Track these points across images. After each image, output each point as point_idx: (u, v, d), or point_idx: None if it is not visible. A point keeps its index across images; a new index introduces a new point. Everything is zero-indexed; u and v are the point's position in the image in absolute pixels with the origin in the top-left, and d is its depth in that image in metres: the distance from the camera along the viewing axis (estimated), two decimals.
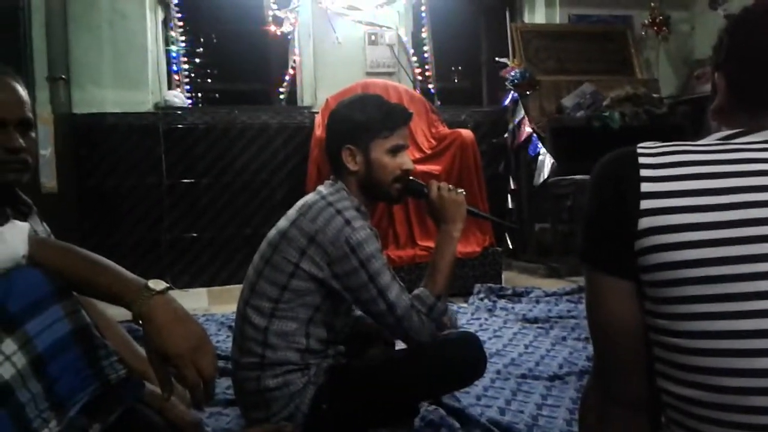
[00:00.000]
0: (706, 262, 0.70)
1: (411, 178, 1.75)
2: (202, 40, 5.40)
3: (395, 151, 1.69)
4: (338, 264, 1.57)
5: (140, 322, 1.04)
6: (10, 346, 0.99)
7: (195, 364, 1.03)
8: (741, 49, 0.82)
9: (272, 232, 1.69)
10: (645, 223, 0.74)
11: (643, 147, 0.78)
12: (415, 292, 1.64)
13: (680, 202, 0.73)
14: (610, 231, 0.78)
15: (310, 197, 1.70)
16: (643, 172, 0.75)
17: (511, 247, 4.83)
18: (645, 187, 0.75)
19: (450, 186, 1.74)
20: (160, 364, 1.04)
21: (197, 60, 4.98)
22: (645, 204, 0.74)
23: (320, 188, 1.72)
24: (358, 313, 1.83)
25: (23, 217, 1.41)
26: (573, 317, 3.06)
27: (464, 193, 1.75)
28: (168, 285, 1.09)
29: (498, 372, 2.21)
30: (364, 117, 1.68)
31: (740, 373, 0.69)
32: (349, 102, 1.74)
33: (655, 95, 4.56)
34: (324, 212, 1.60)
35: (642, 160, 0.76)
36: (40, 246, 1.09)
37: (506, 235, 4.81)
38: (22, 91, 1.36)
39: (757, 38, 0.80)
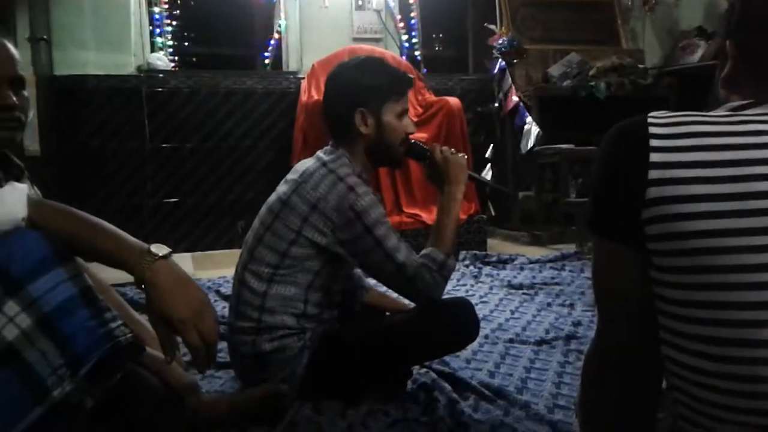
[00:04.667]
0: (712, 234, 0.71)
1: (413, 141, 1.76)
2: (182, 2, 5.29)
3: (402, 114, 1.70)
4: (343, 230, 1.57)
5: (143, 286, 1.05)
6: (12, 308, 0.98)
7: (197, 328, 1.04)
8: (754, 16, 0.81)
9: (272, 198, 1.69)
10: (653, 192, 0.74)
11: (654, 116, 0.78)
12: (424, 251, 1.65)
13: (689, 173, 0.73)
14: (618, 199, 0.78)
15: (310, 163, 1.68)
16: (653, 142, 0.76)
17: (494, 214, 4.86)
18: (654, 157, 0.75)
19: (452, 149, 1.75)
20: (164, 328, 1.05)
21: (180, 23, 4.88)
22: (653, 174, 0.74)
23: (320, 154, 1.71)
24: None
25: (16, 180, 1.39)
26: (557, 284, 3.11)
27: (466, 156, 1.76)
28: (170, 250, 1.08)
29: (486, 336, 2.24)
30: (376, 80, 1.67)
31: (745, 344, 0.71)
32: (355, 65, 1.71)
33: (640, 66, 4.58)
34: (326, 179, 1.60)
35: (652, 129, 0.77)
36: (40, 208, 1.08)
37: (489, 202, 4.84)
38: (13, 49, 1.33)
39: None
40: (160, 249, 1.07)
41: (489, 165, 4.81)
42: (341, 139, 1.70)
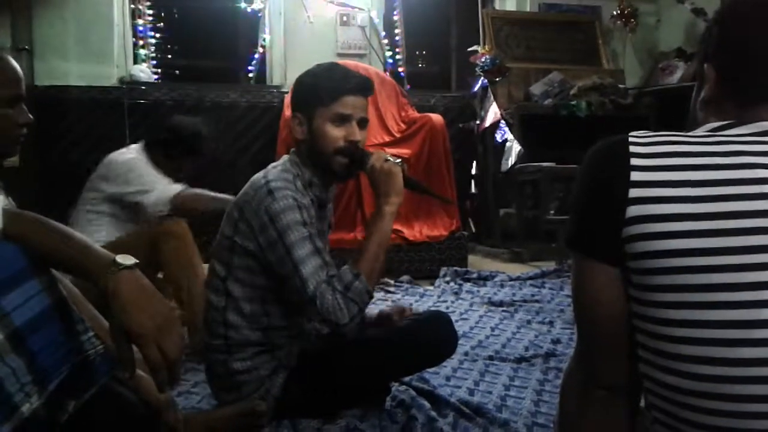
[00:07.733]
0: (691, 252, 0.72)
1: (356, 148, 1.59)
2: (166, 15, 5.28)
3: (339, 120, 1.56)
4: (261, 235, 1.51)
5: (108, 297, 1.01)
6: None
7: (159, 345, 0.99)
8: (732, 40, 0.82)
9: None
10: (633, 211, 0.75)
11: (635, 136, 0.79)
12: (342, 268, 1.51)
13: (669, 192, 0.74)
14: (598, 217, 0.79)
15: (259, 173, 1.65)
16: (633, 161, 0.76)
17: (474, 231, 4.87)
18: (634, 175, 0.75)
19: (388, 156, 1.59)
20: (123, 342, 1.00)
21: (163, 35, 4.86)
22: (633, 192, 0.75)
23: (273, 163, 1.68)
24: None
25: None
26: (537, 301, 3.12)
27: (403, 164, 1.60)
28: (137, 261, 1.05)
29: (466, 354, 2.24)
30: (312, 83, 1.60)
31: (720, 362, 0.71)
32: (308, 69, 1.65)
33: (620, 86, 4.64)
34: (255, 184, 1.57)
35: (633, 149, 0.77)
36: (14, 219, 1.07)
37: (470, 219, 4.85)
38: (15, 63, 1.36)
39: (749, 29, 0.81)
40: (126, 259, 1.03)
41: (473, 182, 4.84)
42: (295, 144, 1.66)
